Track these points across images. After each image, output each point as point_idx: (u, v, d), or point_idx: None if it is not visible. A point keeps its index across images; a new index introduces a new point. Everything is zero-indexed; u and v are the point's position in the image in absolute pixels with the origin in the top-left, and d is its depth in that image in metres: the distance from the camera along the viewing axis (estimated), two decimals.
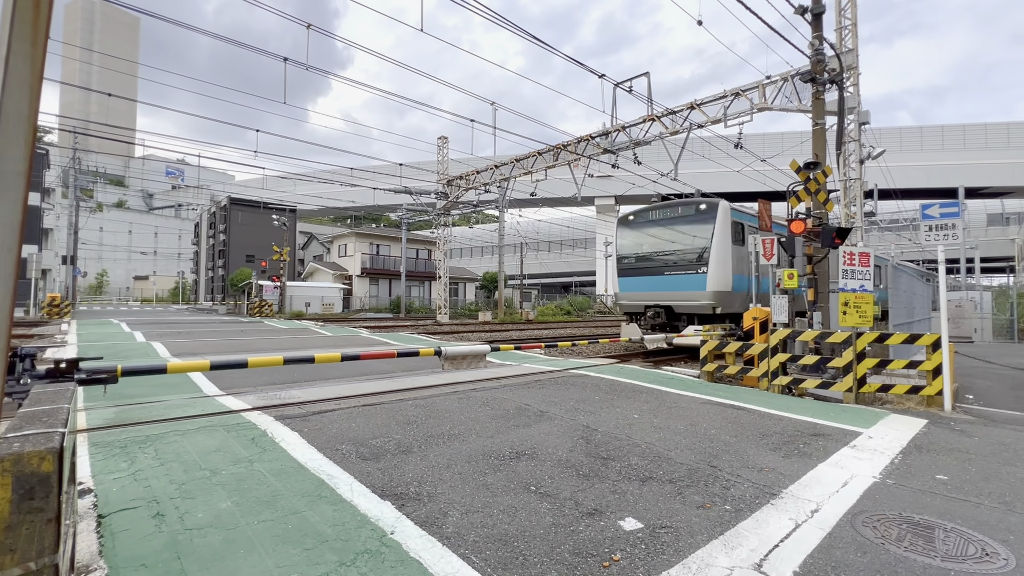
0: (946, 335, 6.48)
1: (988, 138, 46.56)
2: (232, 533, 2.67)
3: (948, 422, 5.77)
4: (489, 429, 4.82)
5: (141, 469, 3.52)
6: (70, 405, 2.13)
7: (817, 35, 9.76)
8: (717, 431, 4.96)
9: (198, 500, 3.05)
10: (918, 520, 3.11)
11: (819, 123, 9.82)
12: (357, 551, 2.53)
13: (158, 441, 4.15)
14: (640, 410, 5.76)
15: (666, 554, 2.61)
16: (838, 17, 15.82)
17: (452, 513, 3.00)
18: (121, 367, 3.82)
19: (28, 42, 2.06)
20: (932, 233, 23.10)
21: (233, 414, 5.16)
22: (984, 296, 22.32)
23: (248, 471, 3.55)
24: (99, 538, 2.56)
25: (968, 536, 2.92)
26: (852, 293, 7.30)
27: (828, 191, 9.49)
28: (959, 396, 7.61)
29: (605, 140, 18.37)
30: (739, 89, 14.78)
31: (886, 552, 2.69)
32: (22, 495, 1.48)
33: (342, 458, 3.87)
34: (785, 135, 47.49)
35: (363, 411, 5.40)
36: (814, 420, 5.58)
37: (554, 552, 2.59)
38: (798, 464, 4.08)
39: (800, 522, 3.03)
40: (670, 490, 3.45)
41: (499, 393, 6.55)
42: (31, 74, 2.06)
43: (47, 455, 1.52)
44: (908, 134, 48.54)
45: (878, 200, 26.89)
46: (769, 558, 2.61)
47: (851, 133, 15.51)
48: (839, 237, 8.25)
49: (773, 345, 7.48)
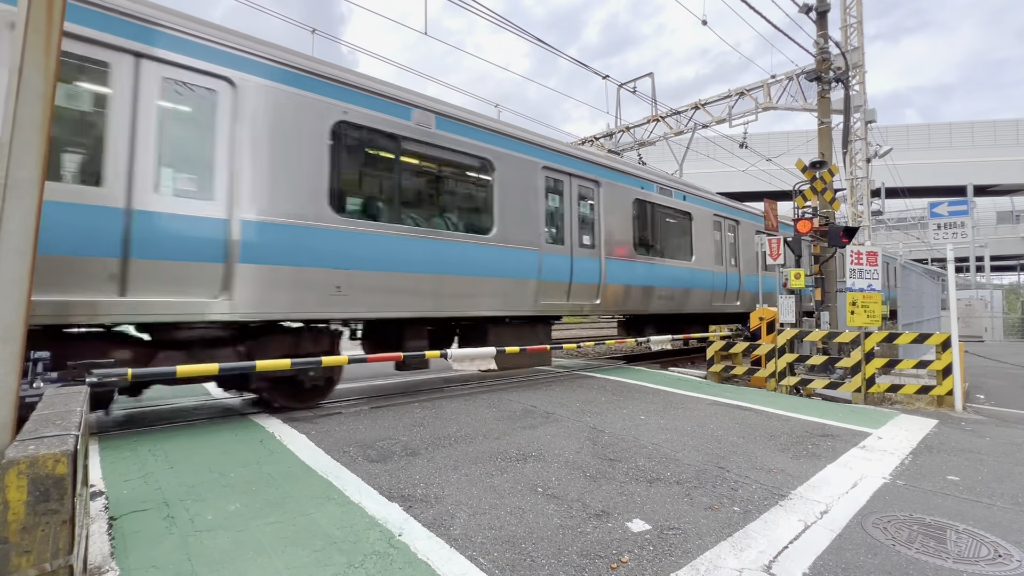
0: (956, 334, 6.42)
1: (997, 135, 46.10)
2: (241, 535, 2.69)
3: (959, 422, 5.71)
4: (496, 430, 4.82)
5: (151, 472, 3.56)
6: (83, 408, 2.16)
7: (822, 33, 9.72)
8: (725, 432, 4.94)
9: (208, 502, 3.08)
10: (929, 521, 3.08)
11: (825, 122, 9.78)
12: (365, 553, 2.54)
13: (167, 443, 4.19)
14: (647, 411, 5.75)
15: (674, 555, 2.60)
16: (843, 15, 15.75)
17: (459, 515, 3.01)
18: (131, 371, 3.86)
19: (41, 53, 2.10)
20: (941, 231, 22.89)
21: (241, 416, 5.20)
22: (995, 295, 22.09)
23: (257, 473, 3.58)
24: (111, 540, 2.59)
25: (981, 537, 2.89)
26: (860, 292, 7.26)
27: (835, 190, 9.44)
28: (970, 396, 7.53)
29: (609, 141, 18.36)
30: (744, 88, 14.74)
31: (897, 554, 2.67)
32: (37, 497, 1.51)
33: (349, 460, 3.89)
34: (791, 134, 47.25)
35: (370, 413, 5.42)
36: (823, 421, 5.54)
37: (562, 554, 2.59)
38: (807, 465, 4.05)
39: (809, 523, 3.01)
40: (678, 491, 3.44)
41: (505, 394, 6.56)
42: (44, 84, 2.10)
43: (62, 458, 1.55)
44: (915, 132, 48.15)
45: (885, 198, 26.70)
46: (778, 560, 2.60)
47: (857, 131, 15.42)
48: (846, 236, 8.21)
49: (780, 345, 7.44)
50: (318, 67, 5.31)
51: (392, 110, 5.88)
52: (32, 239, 1.78)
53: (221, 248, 4.55)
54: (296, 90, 5.10)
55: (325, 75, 5.34)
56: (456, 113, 6.54)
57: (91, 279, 3.96)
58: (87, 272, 3.93)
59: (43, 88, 1.92)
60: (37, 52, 1.93)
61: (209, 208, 4.52)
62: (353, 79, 5.57)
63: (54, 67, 1.98)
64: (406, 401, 6.14)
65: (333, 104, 5.38)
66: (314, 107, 5.22)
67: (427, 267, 6.04)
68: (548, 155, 7.69)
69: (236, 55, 4.76)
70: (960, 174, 40.65)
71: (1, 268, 1.65)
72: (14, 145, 1.73)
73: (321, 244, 5.15)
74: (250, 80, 4.81)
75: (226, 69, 4.68)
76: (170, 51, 4.40)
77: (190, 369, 4.14)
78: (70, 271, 3.86)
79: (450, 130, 6.45)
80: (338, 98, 5.42)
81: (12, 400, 1.87)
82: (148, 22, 4.30)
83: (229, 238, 4.59)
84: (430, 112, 6.23)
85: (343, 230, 5.35)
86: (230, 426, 4.79)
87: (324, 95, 5.31)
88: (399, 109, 5.94)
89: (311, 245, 5.08)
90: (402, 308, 5.84)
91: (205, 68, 4.57)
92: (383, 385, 7.70)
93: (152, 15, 4.32)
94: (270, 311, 4.85)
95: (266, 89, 4.90)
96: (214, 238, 4.52)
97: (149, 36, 4.30)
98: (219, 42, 4.67)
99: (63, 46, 2.18)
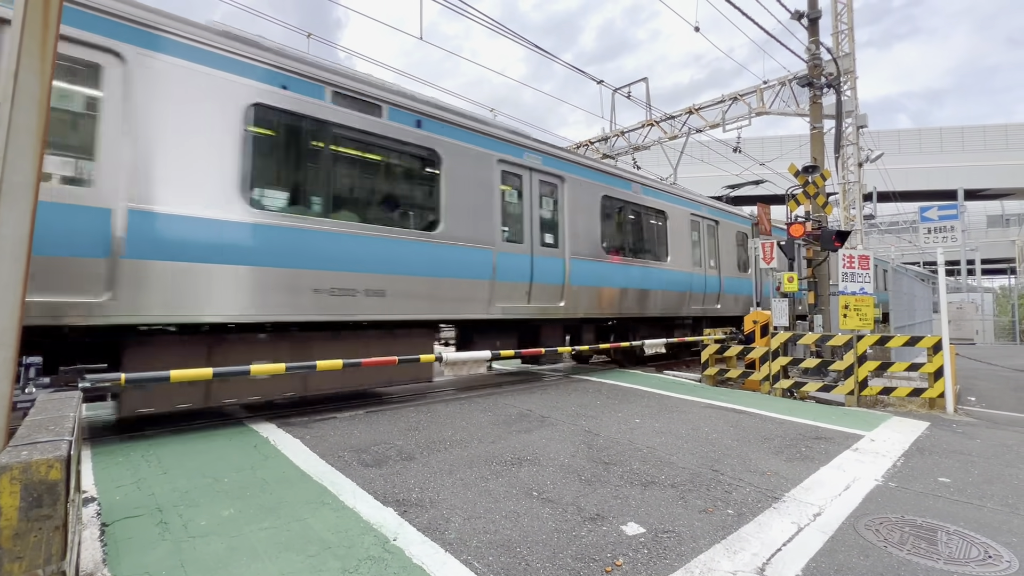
0: (947, 337, 6.49)
1: (987, 140, 46.66)
2: (235, 540, 2.68)
3: (950, 424, 5.76)
4: (491, 435, 4.82)
5: (144, 477, 3.53)
6: (75, 413, 2.15)
7: (814, 40, 9.84)
8: (719, 435, 4.96)
9: (201, 507, 3.06)
10: (921, 523, 3.11)
11: (817, 127, 9.88)
12: (360, 558, 2.54)
13: (160, 448, 4.16)
14: (642, 414, 5.76)
15: (669, 559, 2.61)
16: (835, 22, 15.95)
17: (454, 519, 3.01)
18: (125, 376, 3.84)
19: (37, 57, 2.10)
20: (931, 235, 23.11)
21: (235, 421, 5.17)
22: (985, 298, 22.33)
23: (251, 478, 3.56)
24: (103, 546, 2.57)
25: (971, 539, 2.92)
26: (852, 296, 7.32)
27: (827, 194, 9.53)
28: (961, 398, 7.60)
29: (604, 145, 18.46)
30: (737, 94, 14.88)
31: (888, 555, 2.69)
32: (30, 503, 1.50)
33: (344, 465, 3.88)
34: (784, 139, 47.62)
35: (365, 417, 5.41)
36: (816, 423, 5.58)
37: (557, 558, 2.59)
38: (800, 468, 4.08)
39: (803, 526, 3.03)
40: (672, 495, 3.46)
41: (501, 398, 6.56)
42: (40, 88, 2.10)
43: (55, 463, 1.54)
44: (906, 136, 48.65)
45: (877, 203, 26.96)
46: (772, 562, 2.61)
47: (849, 136, 15.58)
48: (839, 240, 8.28)
49: (774, 349, 7.49)
50: (227, 43, 4.82)
51: (314, 92, 5.34)
52: (27, 244, 1.78)
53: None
54: (204, 68, 4.62)
55: (235, 52, 4.85)
56: (395, 100, 5.98)
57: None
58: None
59: (39, 93, 1.93)
60: (33, 56, 1.94)
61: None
62: (271, 58, 5.08)
63: (49, 71, 1.98)
64: (401, 405, 6.13)
65: (246, 84, 4.85)
66: (224, 88, 4.74)
67: (358, 265, 5.49)
68: (505, 147, 7.17)
69: (125, 25, 4.23)
70: (950, 178, 41.13)
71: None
72: (9, 150, 1.73)
73: (229, 239, 4.64)
74: (144, 54, 4.31)
75: (113, 42, 4.15)
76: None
77: (184, 374, 4.12)
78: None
79: (391, 118, 5.92)
80: (253, 78, 4.90)
81: (5, 405, 1.86)
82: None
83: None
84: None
85: (256, 224, 4.83)
86: (224, 431, 4.77)
87: (235, 74, 4.80)
88: (319, 90, 5.39)
89: (212, 240, 4.57)
90: (327, 311, 5.25)
91: (87, 40, 4.04)
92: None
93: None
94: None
95: (165, 65, 4.41)
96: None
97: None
98: (104, 10, 4.14)
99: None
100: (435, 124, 6.37)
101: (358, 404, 6.17)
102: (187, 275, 4.45)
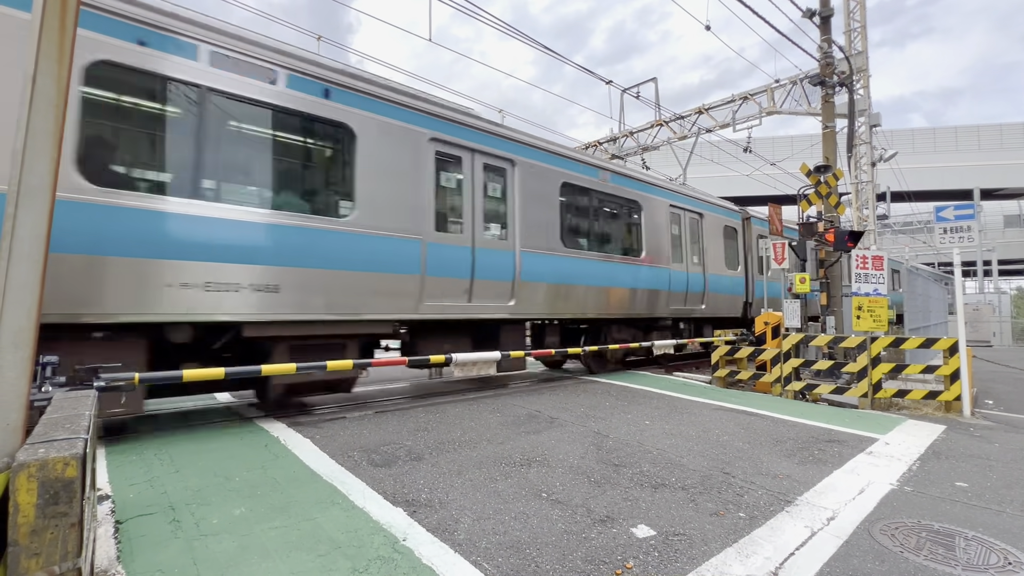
0: (963, 339, 6.37)
1: (1004, 139, 45.83)
2: (247, 539, 2.70)
3: (967, 428, 5.66)
4: (499, 435, 4.82)
5: (157, 475, 3.57)
6: (91, 411, 2.18)
7: (826, 38, 9.73)
8: (730, 437, 4.91)
9: (213, 506, 3.09)
10: (938, 528, 3.05)
11: (829, 126, 9.77)
12: (370, 558, 2.54)
13: (173, 447, 4.21)
14: (651, 416, 5.73)
15: (680, 561, 2.59)
16: (847, 20, 15.75)
17: (464, 520, 3.01)
18: (138, 375, 3.89)
19: (54, 61, 2.13)
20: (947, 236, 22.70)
21: (246, 420, 5.22)
22: (1003, 299, 21.91)
23: (262, 477, 3.59)
24: (117, 544, 2.60)
25: (990, 544, 2.86)
26: (866, 297, 7.22)
27: (839, 194, 9.42)
28: (978, 401, 7.46)
29: (613, 145, 18.40)
30: (748, 93, 14.75)
31: (905, 561, 2.64)
32: (47, 500, 1.52)
33: (354, 464, 3.90)
34: (795, 138, 47.14)
35: (374, 417, 5.43)
36: (829, 426, 5.50)
37: (566, 559, 2.58)
38: (813, 471, 4.02)
39: (816, 530, 2.99)
40: (683, 497, 3.42)
41: (509, 399, 6.55)
42: (56, 92, 2.13)
43: (71, 461, 1.56)
44: (921, 136, 47.94)
45: (891, 202, 26.57)
46: (785, 566, 2.58)
47: (862, 136, 15.38)
48: (852, 240, 8.18)
49: (786, 350, 7.40)
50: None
51: (185, 51, 4.50)
52: (43, 245, 1.81)
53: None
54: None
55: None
56: (295, 66, 5.18)
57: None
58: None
59: (55, 96, 1.95)
60: (50, 60, 1.96)
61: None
62: (128, 9, 4.23)
63: (66, 75, 2.01)
64: (410, 406, 6.15)
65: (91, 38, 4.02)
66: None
67: (243, 257, 4.67)
68: (441, 125, 6.29)
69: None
70: (966, 178, 40.44)
71: (13, 273, 1.67)
72: (27, 153, 1.76)
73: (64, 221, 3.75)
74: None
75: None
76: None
77: (197, 374, 4.16)
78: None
79: (290, 87, 5.12)
80: (98, 31, 4.07)
81: (23, 404, 1.89)
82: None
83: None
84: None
85: (97, 203, 4.00)
86: (235, 430, 4.81)
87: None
88: (190, 48, 4.54)
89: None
90: (205, 309, 4.46)
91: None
92: (390, 389, 7.72)
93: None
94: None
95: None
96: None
97: None
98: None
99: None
100: (347, 95, 5.49)
101: (366, 405, 6.19)
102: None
